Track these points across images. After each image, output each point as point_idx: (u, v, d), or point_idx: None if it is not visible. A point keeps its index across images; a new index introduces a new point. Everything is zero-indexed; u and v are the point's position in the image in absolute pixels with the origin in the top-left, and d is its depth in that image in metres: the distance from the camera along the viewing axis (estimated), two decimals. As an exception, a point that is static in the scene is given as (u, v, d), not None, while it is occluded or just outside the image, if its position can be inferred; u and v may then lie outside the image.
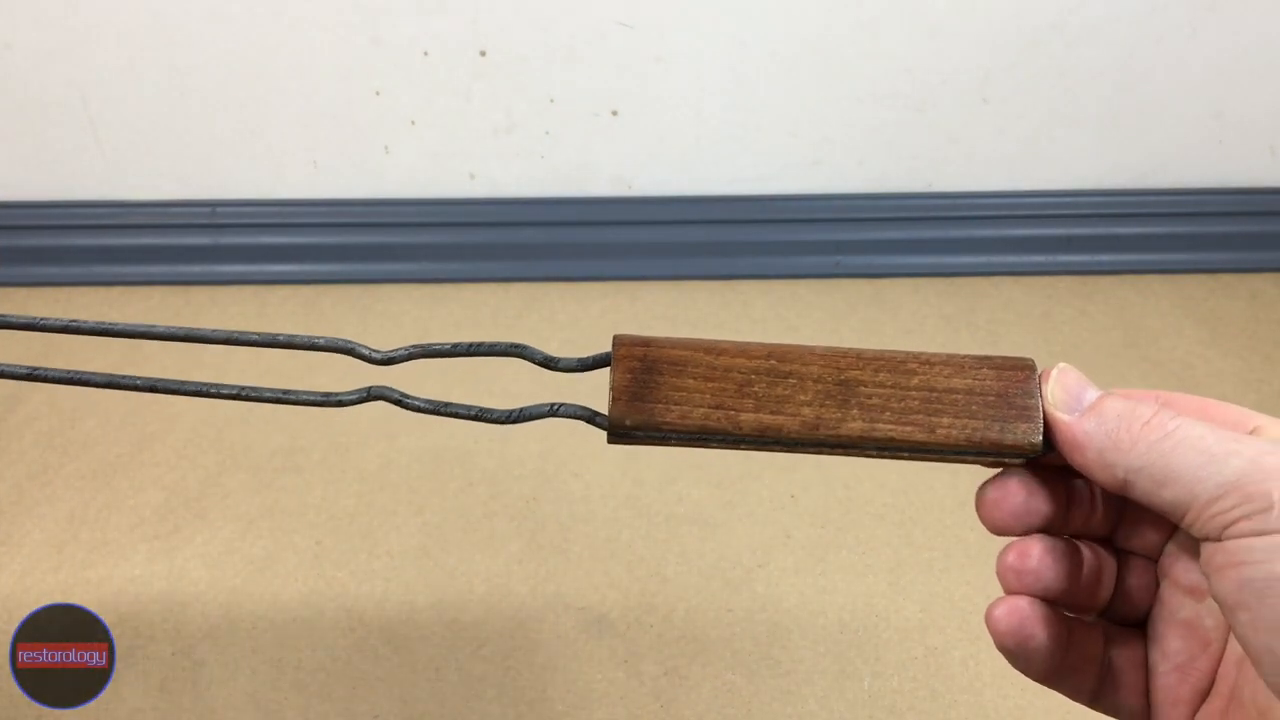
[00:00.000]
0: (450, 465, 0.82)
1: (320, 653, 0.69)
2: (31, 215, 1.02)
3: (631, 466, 0.82)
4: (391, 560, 0.75)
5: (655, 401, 0.28)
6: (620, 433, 0.29)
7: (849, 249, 1.05)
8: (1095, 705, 0.31)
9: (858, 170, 1.04)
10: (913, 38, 0.95)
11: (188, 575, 0.74)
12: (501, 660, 0.68)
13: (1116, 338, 0.98)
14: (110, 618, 0.68)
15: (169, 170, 1.02)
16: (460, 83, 0.97)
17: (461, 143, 1.01)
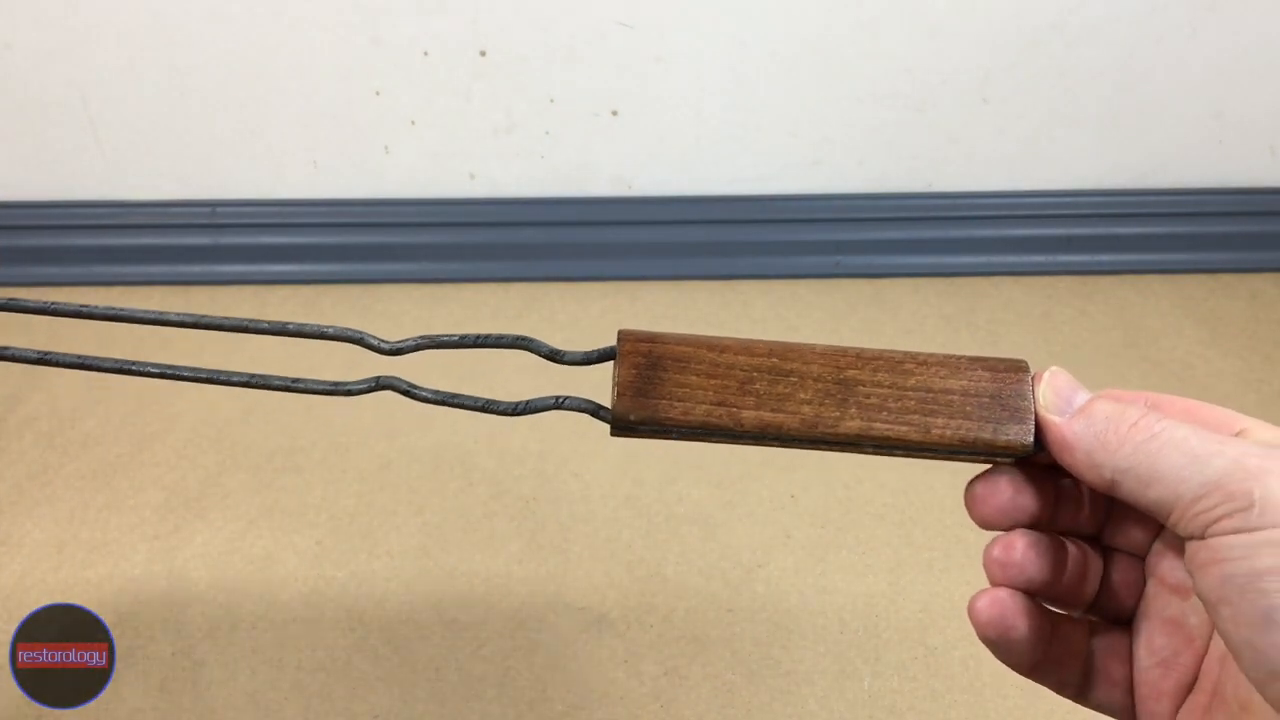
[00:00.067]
0: (450, 465, 0.82)
1: (320, 653, 0.69)
2: (31, 215, 1.02)
3: (631, 466, 0.82)
4: (391, 560, 0.75)
5: (659, 398, 0.29)
6: (624, 427, 0.29)
7: (849, 249, 1.05)
8: (1080, 699, 0.31)
9: (858, 170, 1.04)
10: (913, 38, 0.95)
11: (188, 575, 0.74)
12: (501, 660, 0.68)
13: (1116, 338, 0.98)
14: (110, 618, 0.68)
15: (169, 170, 1.02)
16: (460, 83, 0.97)
17: (461, 143, 1.01)
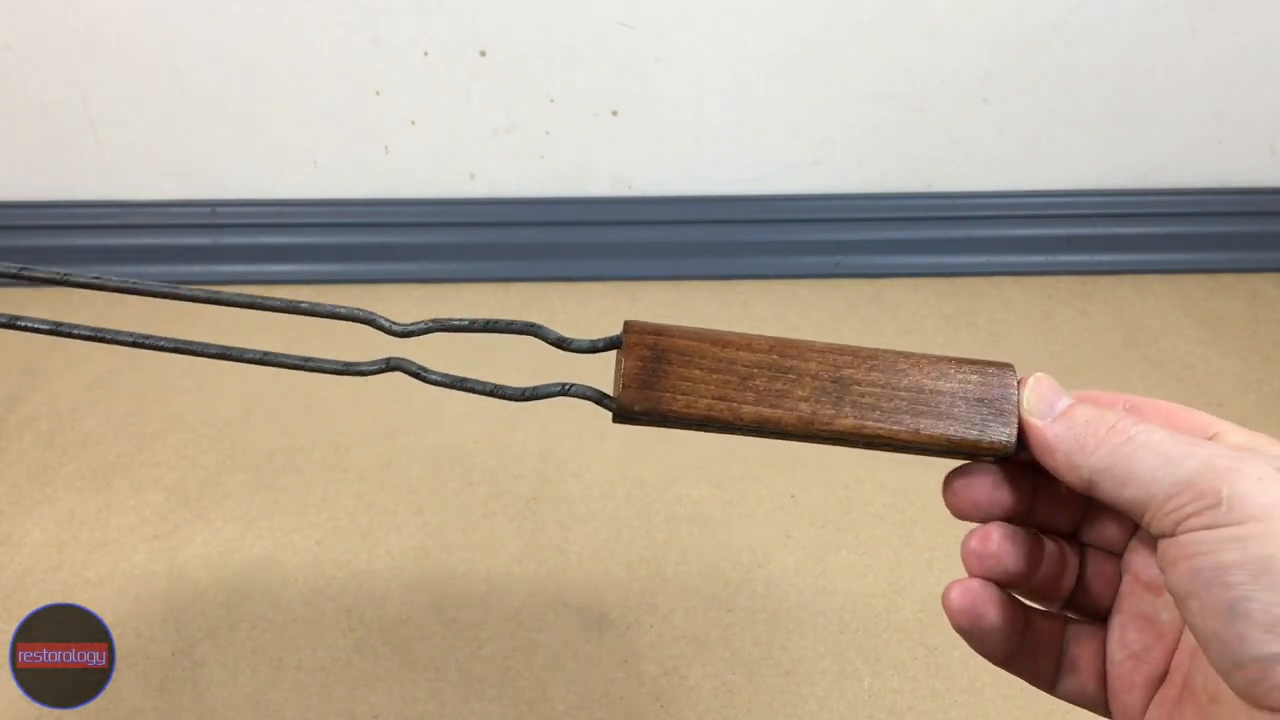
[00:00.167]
0: (450, 465, 0.82)
1: (320, 653, 0.69)
2: (31, 215, 1.02)
3: (631, 467, 0.82)
4: (391, 560, 0.75)
5: (663, 390, 0.30)
6: (627, 417, 0.30)
7: (849, 249, 1.05)
8: (1055, 691, 0.33)
9: (858, 170, 1.04)
10: (913, 38, 0.95)
11: (188, 575, 0.74)
12: (501, 660, 0.68)
13: (1116, 338, 0.98)
14: (110, 618, 0.68)
15: (169, 170, 1.02)
16: (460, 83, 0.97)
17: (461, 143, 1.01)
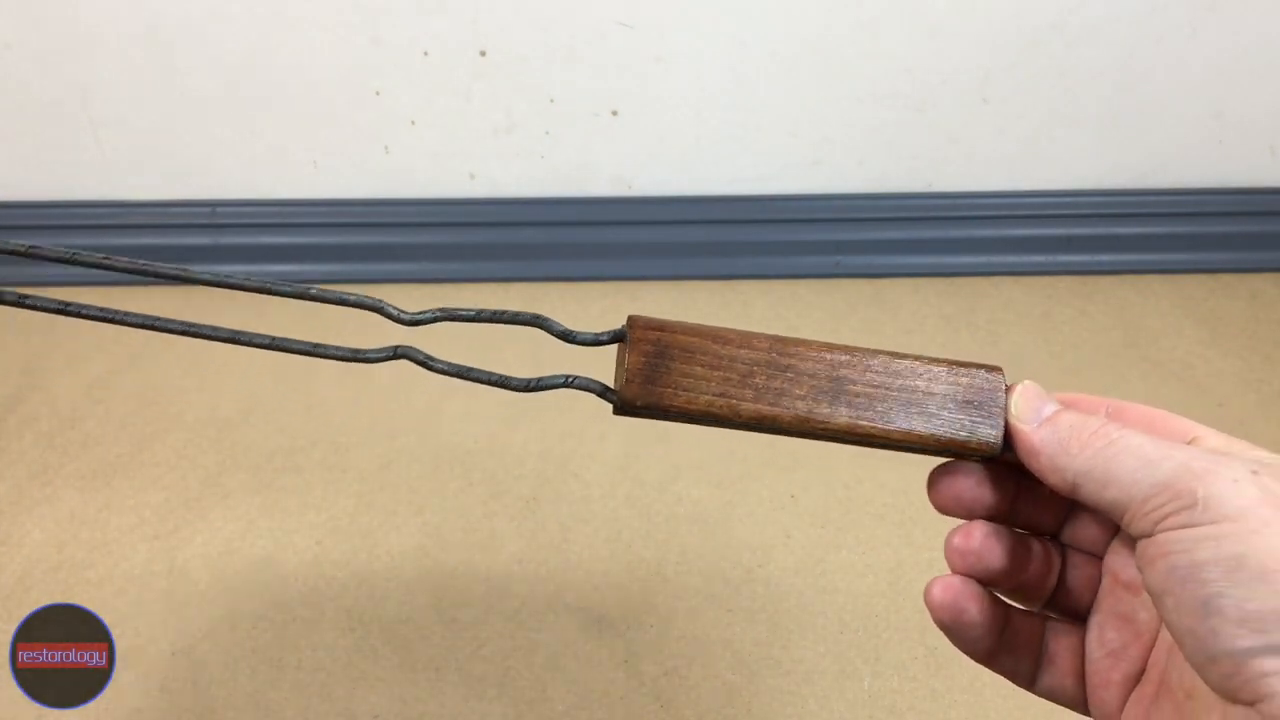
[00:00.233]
0: (450, 465, 0.82)
1: (320, 653, 0.69)
2: (32, 215, 1.02)
3: (632, 467, 0.82)
4: (391, 560, 0.75)
5: (665, 386, 0.31)
6: (629, 410, 0.31)
7: (849, 249, 1.05)
8: (1034, 688, 0.34)
9: (858, 170, 1.04)
10: (913, 38, 0.95)
11: (188, 575, 0.74)
12: (501, 660, 0.68)
13: (1116, 338, 0.98)
14: (110, 618, 0.68)
15: (169, 170, 1.02)
16: (460, 83, 0.97)
17: (461, 143, 1.01)
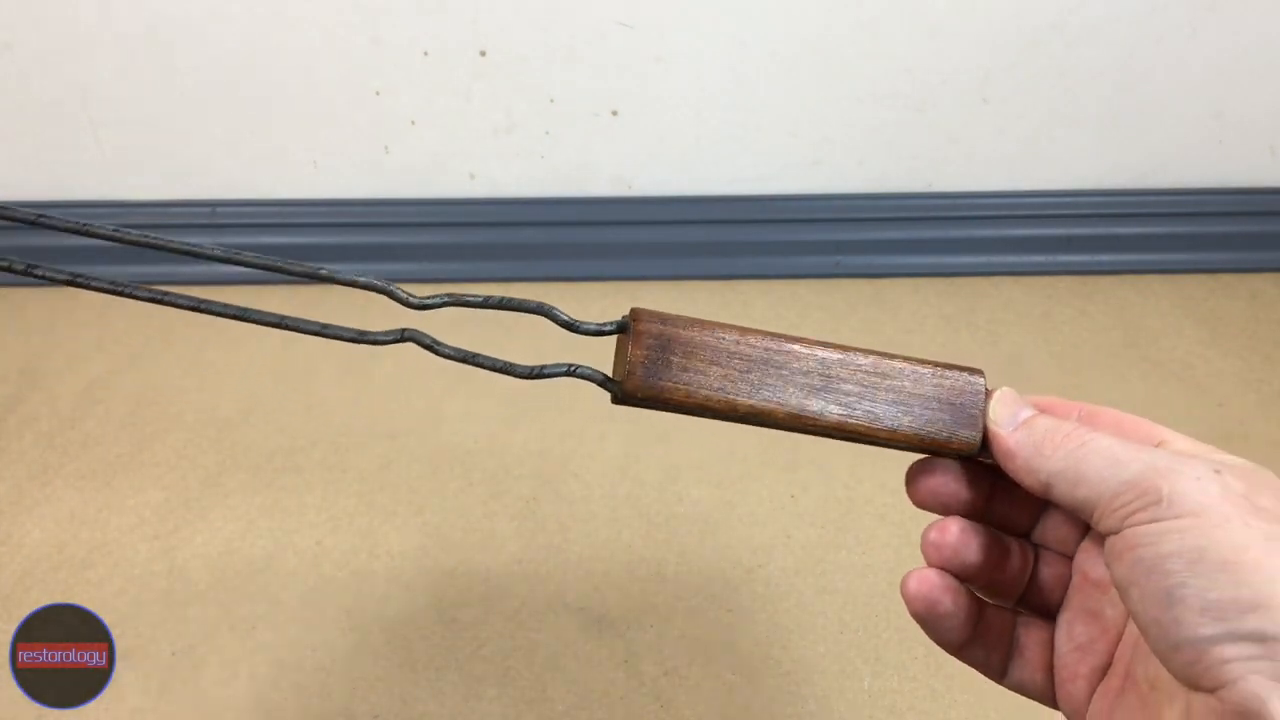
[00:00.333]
0: (450, 465, 0.82)
1: (320, 653, 0.69)
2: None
3: (632, 467, 0.82)
4: (391, 560, 0.75)
5: (666, 380, 0.32)
6: (628, 400, 0.33)
7: (849, 249, 1.05)
8: (1004, 681, 0.35)
9: (858, 170, 1.04)
10: (913, 38, 0.95)
11: (188, 575, 0.74)
12: (501, 660, 0.68)
13: (1116, 338, 0.98)
14: (110, 618, 0.68)
15: (169, 170, 1.02)
16: (460, 83, 0.97)
17: (461, 143, 1.01)
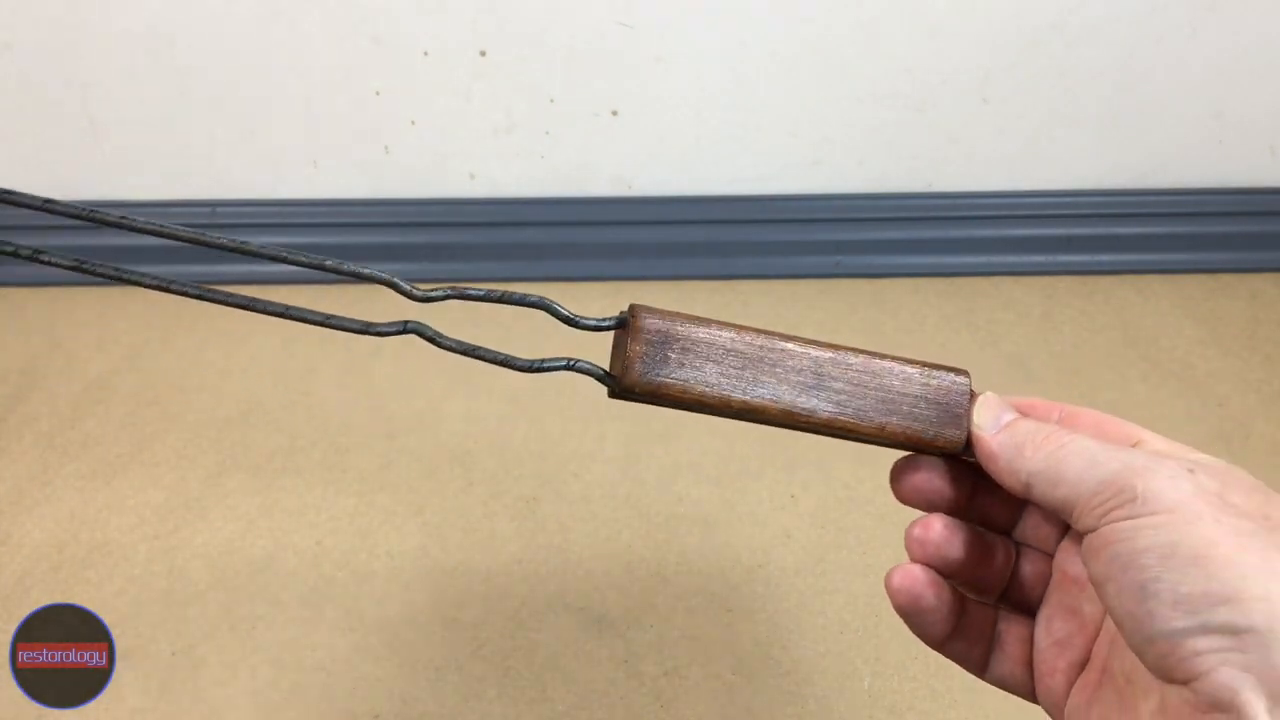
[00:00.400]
0: (450, 465, 0.82)
1: (320, 653, 0.69)
2: (31, 215, 1.01)
3: (632, 467, 0.82)
4: (391, 560, 0.75)
5: (663, 375, 0.33)
6: (625, 395, 0.34)
7: (849, 249, 1.05)
8: (985, 675, 0.36)
9: (858, 170, 1.04)
10: (913, 38, 0.95)
11: (188, 575, 0.74)
12: (501, 660, 0.68)
13: (1116, 338, 0.98)
14: (110, 618, 0.68)
15: (169, 170, 1.02)
16: (460, 83, 0.97)
17: (461, 143, 1.01)
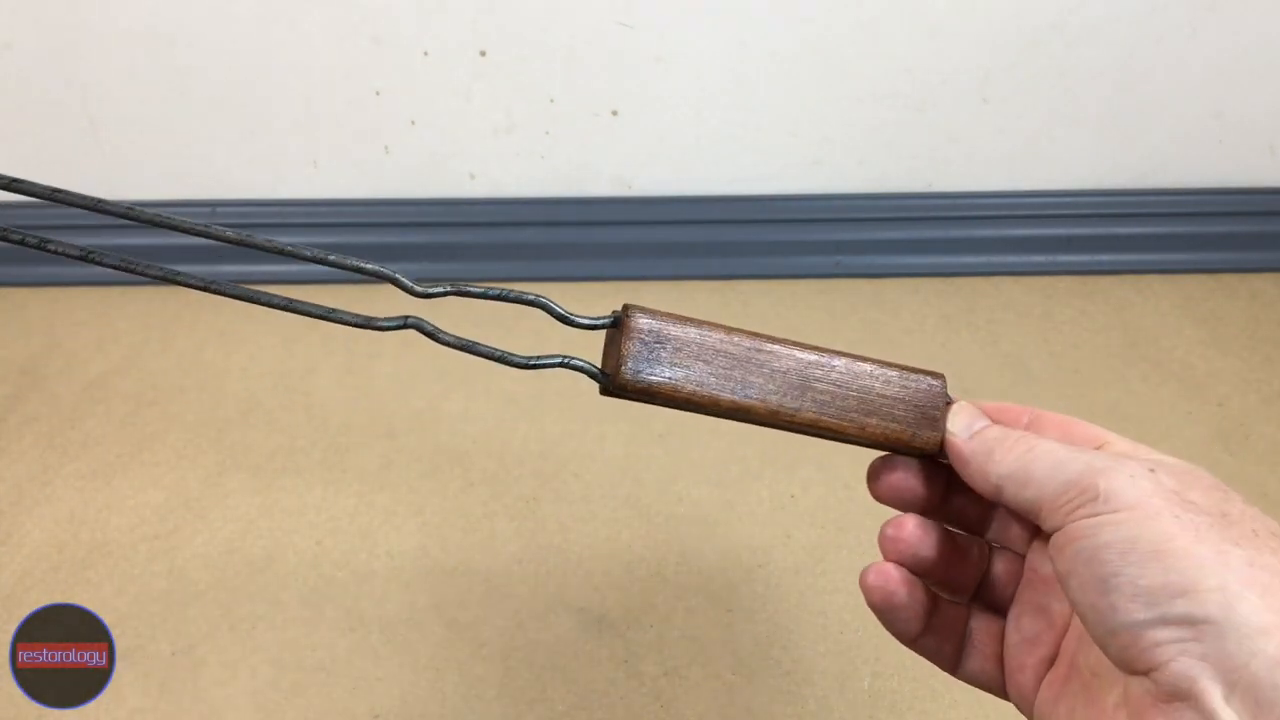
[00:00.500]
0: (450, 465, 0.82)
1: (320, 652, 0.69)
2: (31, 215, 1.02)
3: (631, 466, 0.82)
4: (391, 560, 0.75)
5: (654, 374, 0.34)
6: (617, 392, 0.34)
7: (849, 249, 1.05)
8: (957, 673, 0.37)
9: (858, 170, 1.04)
10: (913, 38, 0.95)
11: (188, 575, 0.74)
12: (501, 660, 0.68)
13: (1116, 338, 0.98)
14: (110, 618, 0.68)
15: (169, 170, 1.02)
16: (460, 83, 0.97)
17: (461, 143, 1.01)
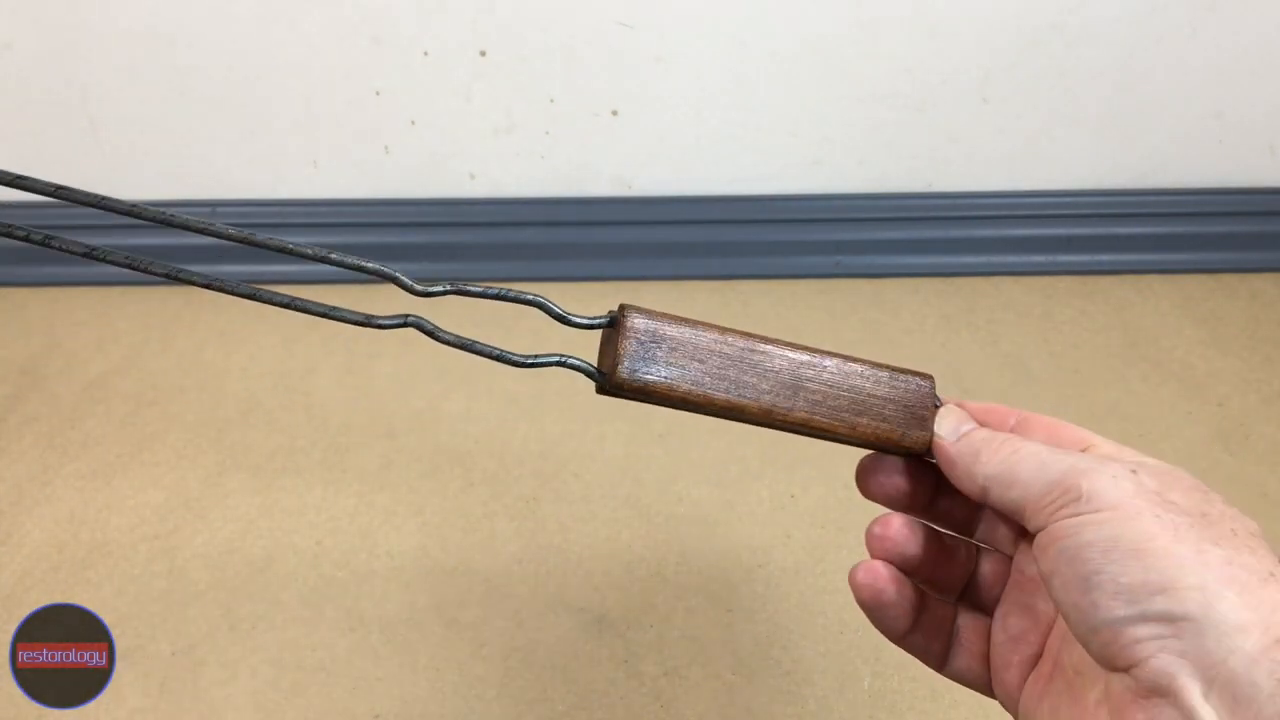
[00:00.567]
0: (450, 465, 0.82)
1: (320, 652, 0.69)
2: (31, 215, 1.02)
3: (631, 466, 0.82)
4: (391, 560, 0.75)
5: (649, 373, 0.34)
6: (613, 391, 0.35)
7: (849, 249, 1.05)
8: (944, 670, 0.37)
9: (858, 170, 1.04)
10: (913, 38, 0.95)
11: (188, 575, 0.74)
12: (501, 660, 0.68)
13: (1116, 338, 0.98)
14: (110, 618, 0.68)
15: (169, 170, 1.02)
16: (460, 83, 0.97)
17: (461, 143, 1.01)
